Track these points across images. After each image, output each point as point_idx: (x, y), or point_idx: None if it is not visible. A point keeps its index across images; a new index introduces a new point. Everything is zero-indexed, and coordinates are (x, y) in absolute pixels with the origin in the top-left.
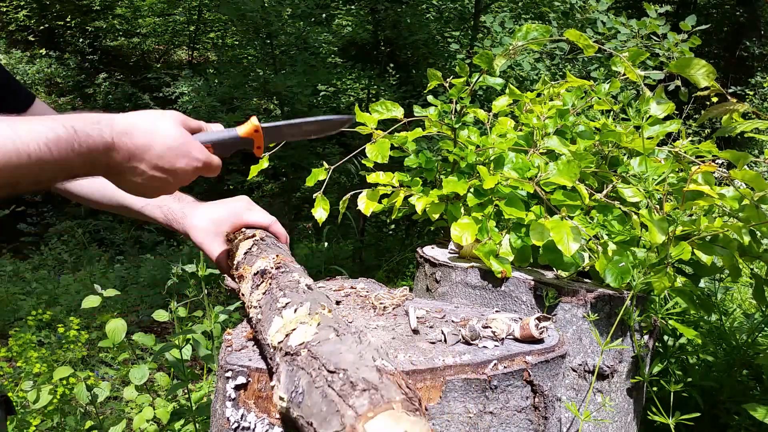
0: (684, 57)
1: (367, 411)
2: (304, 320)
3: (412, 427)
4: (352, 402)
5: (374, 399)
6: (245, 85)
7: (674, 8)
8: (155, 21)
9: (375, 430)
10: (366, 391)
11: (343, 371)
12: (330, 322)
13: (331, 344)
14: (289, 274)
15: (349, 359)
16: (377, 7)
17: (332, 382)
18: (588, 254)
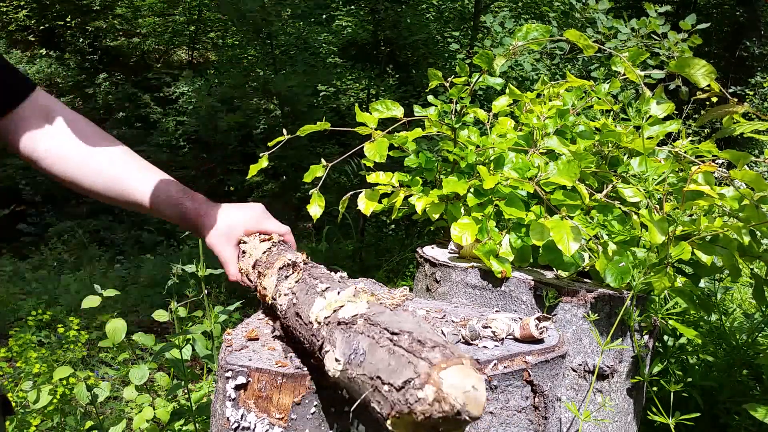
0: (684, 57)
1: (441, 362)
2: (351, 300)
3: (479, 383)
4: (425, 355)
5: (445, 353)
6: (245, 85)
7: (674, 8)
8: (155, 21)
9: (449, 378)
10: (436, 347)
11: (408, 333)
12: (379, 301)
13: (387, 316)
14: (319, 269)
15: (409, 326)
16: (377, 7)
17: (398, 341)
18: (588, 254)
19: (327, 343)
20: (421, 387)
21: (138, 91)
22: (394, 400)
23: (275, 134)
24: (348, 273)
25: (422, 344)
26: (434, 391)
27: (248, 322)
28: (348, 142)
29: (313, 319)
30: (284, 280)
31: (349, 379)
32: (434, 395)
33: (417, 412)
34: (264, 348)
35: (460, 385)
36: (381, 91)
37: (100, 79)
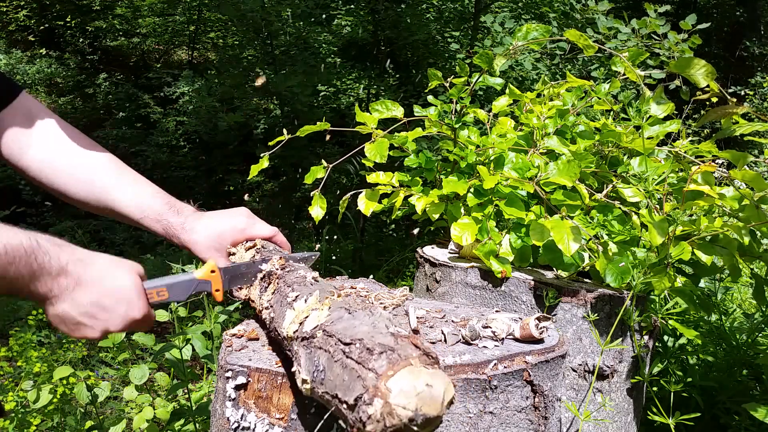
0: (684, 57)
1: (387, 370)
2: (315, 307)
3: (432, 379)
4: (372, 365)
5: (392, 358)
6: (245, 85)
7: (674, 8)
8: (155, 21)
9: (397, 385)
10: (383, 354)
11: (359, 341)
12: (341, 304)
13: (344, 321)
14: (295, 272)
15: (363, 330)
16: (377, 7)
17: (350, 353)
18: (588, 254)
19: (295, 363)
20: (371, 402)
21: (138, 91)
22: (352, 419)
23: (275, 134)
24: (348, 273)
25: (371, 352)
26: (382, 405)
27: (248, 322)
28: (348, 142)
29: (285, 333)
30: (264, 292)
31: (318, 397)
32: (381, 409)
33: (369, 430)
34: (264, 348)
35: (410, 389)
36: (381, 91)
37: (100, 79)
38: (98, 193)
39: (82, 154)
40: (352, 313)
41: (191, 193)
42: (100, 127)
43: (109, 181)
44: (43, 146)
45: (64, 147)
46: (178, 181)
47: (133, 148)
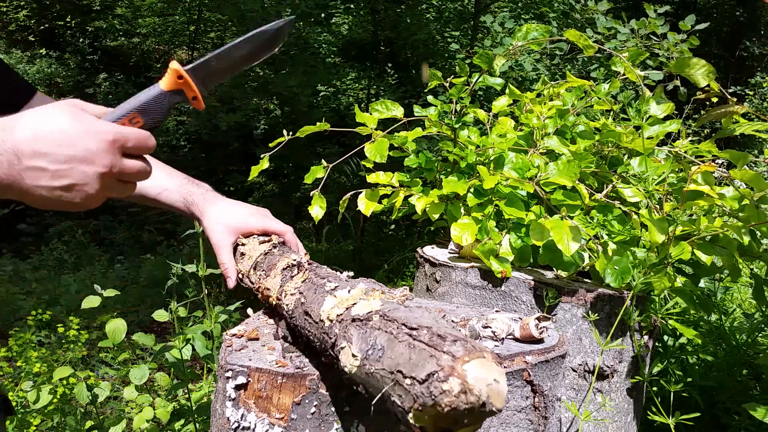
0: (683, 57)
1: (464, 355)
2: (362, 297)
3: (500, 376)
4: (447, 348)
5: (467, 347)
6: (245, 85)
7: (674, 8)
8: (155, 21)
9: (473, 371)
10: (457, 341)
11: (427, 328)
12: (391, 299)
13: (402, 312)
14: (323, 268)
15: (427, 321)
16: (377, 7)
17: (418, 336)
18: (588, 254)
19: (342, 339)
20: (446, 379)
21: (138, 92)
22: (417, 393)
23: (275, 134)
24: None
25: (443, 338)
26: (459, 383)
27: (248, 322)
28: (348, 142)
29: (324, 317)
30: (290, 280)
31: (366, 374)
32: (460, 387)
33: (443, 404)
34: (264, 348)
35: (483, 377)
36: (381, 91)
37: (100, 79)
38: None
39: None
40: (408, 307)
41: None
42: None
43: None
44: None
45: None
46: None
47: None
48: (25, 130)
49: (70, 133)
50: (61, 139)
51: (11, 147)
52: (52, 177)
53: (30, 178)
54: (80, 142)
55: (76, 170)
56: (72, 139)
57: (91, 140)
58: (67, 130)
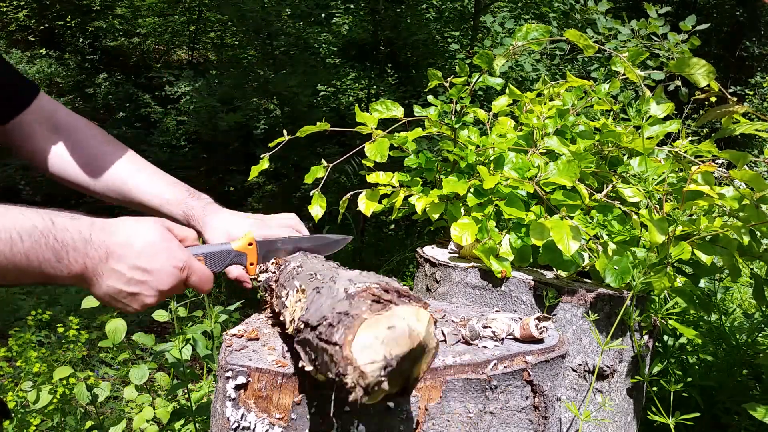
0: (683, 57)
1: (346, 336)
2: (298, 299)
3: (390, 320)
4: (335, 338)
5: (346, 323)
6: (245, 85)
7: (674, 8)
8: (155, 21)
9: (359, 345)
10: (340, 323)
11: (323, 320)
12: (313, 284)
13: (314, 304)
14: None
15: (326, 305)
16: (377, 7)
17: (321, 334)
18: (588, 254)
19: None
20: (345, 373)
21: (138, 91)
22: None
23: (275, 134)
24: None
25: (332, 326)
26: (353, 370)
27: (248, 322)
28: (348, 142)
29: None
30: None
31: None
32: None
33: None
34: (264, 348)
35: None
36: (381, 91)
37: (100, 79)
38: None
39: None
40: (320, 291)
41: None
42: (101, 127)
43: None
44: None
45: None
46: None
47: (134, 148)
48: (121, 235)
49: (154, 247)
50: (146, 252)
51: (106, 248)
52: (126, 282)
53: (108, 278)
54: (159, 258)
55: (146, 283)
56: (155, 253)
57: (168, 260)
58: (153, 243)
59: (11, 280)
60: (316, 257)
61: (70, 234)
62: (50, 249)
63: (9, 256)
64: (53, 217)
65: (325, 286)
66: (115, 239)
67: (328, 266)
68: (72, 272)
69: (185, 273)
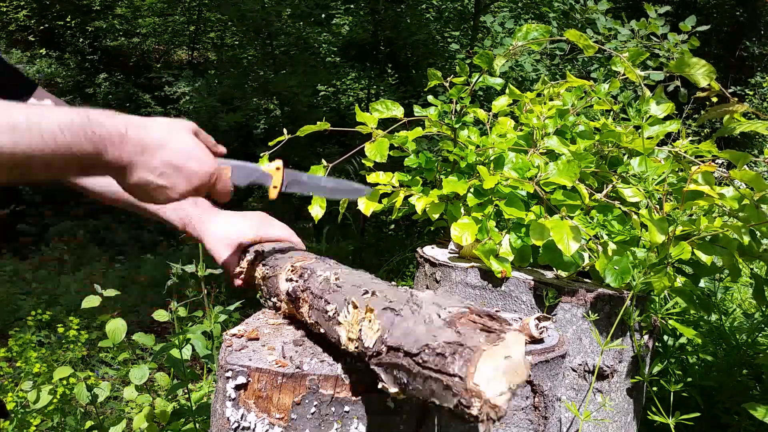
0: (683, 57)
1: (468, 369)
2: (362, 316)
3: (506, 350)
4: (452, 369)
5: (465, 356)
6: (245, 85)
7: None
8: (155, 21)
9: (483, 378)
10: (455, 354)
11: (426, 347)
12: (382, 304)
13: (397, 327)
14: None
15: (421, 331)
16: (377, 7)
17: (425, 363)
18: (588, 254)
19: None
20: (469, 405)
21: (138, 91)
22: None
23: (275, 134)
24: None
25: (443, 357)
26: (481, 403)
27: (248, 322)
28: (348, 142)
29: (347, 350)
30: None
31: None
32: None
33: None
34: (264, 348)
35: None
36: (381, 91)
37: (100, 79)
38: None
39: None
40: (399, 314)
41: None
42: None
43: None
44: None
45: None
46: None
47: None
48: (156, 132)
49: (188, 150)
50: (181, 152)
51: (141, 143)
52: (158, 176)
53: (141, 170)
54: (192, 161)
55: (176, 179)
56: (188, 155)
57: (199, 164)
58: (187, 146)
59: (55, 173)
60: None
61: (107, 129)
62: (89, 142)
63: (54, 148)
64: (89, 114)
65: (406, 308)
66: (151, 135)
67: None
68: (108, 164)
69: (213, 179)
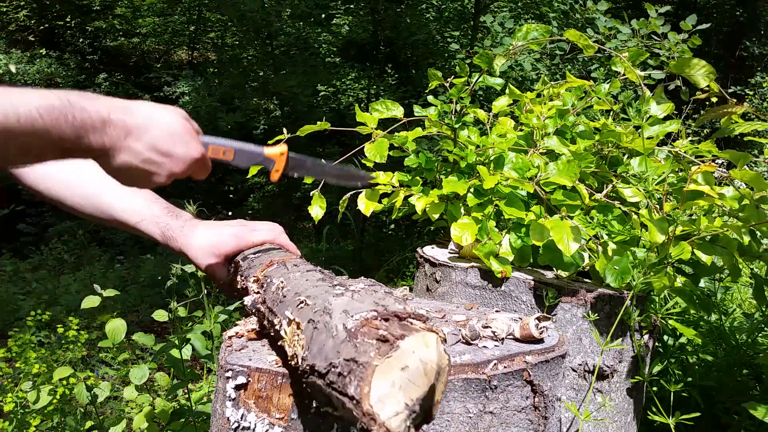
0: (684, 57)
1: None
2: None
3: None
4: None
5: (359, 374)
6: (245, 85)
7: (674, 8)
8: (155, 21)
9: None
10: (351, 373)
11: (331, 366)
12: (308, 315)
13: (315, 341)
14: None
15: (329, 346)
16: (377, 7)
17: (332, 384)
18: (588, 254)
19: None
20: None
21: (138, 91)
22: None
23: (275, 134)
24: (348, 273)
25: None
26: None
27: (248, 322)
28: (348, 142)
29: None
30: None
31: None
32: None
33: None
34: (264, 348)
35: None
36: (381, 91)
37: (100, 79)
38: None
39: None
40: (317, 327)
41: (191, 192)
42: None
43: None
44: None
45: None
46: (178, 181)
47: None
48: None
49: (175, 134)
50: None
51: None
52: (142, 161)
53: (124, 154)
54: (178, 146)
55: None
56: (175, 139)
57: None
58: (172, 130)
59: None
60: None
61: (89, 113)
62: (70, 126)
63: (31, 132)
64: (69, 97)
65: (321, 320)
66: (135, 119)
67: (313, 282)
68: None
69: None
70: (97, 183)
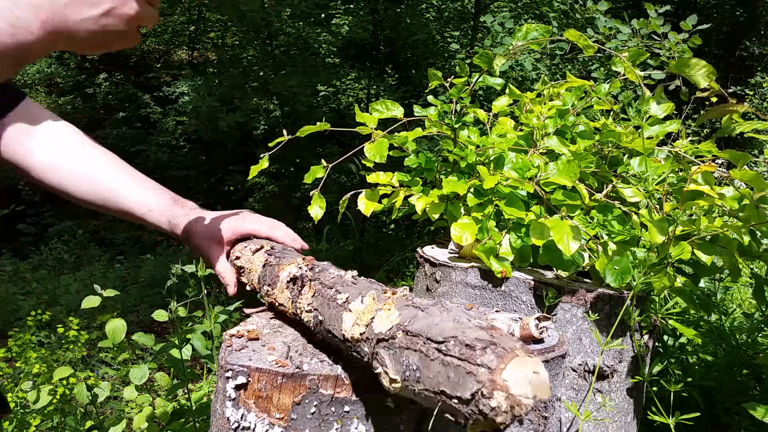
0: (684, 57)
1: (499, 363)
2: (378, 307)
3: (536, 366)
4: (480, 360)
5: (498, 352)
6: (245, 85)
7: (674, 8)
8: None
9: (512, 376)
10: (487, 348)
11: (453, 338)
12: (405, 302)
13: (421, 320)
14: (326, 271)
15: (449, 327)
16: (377, 7)
17: (447, 351)
18: (588, 254)
19: (375, 362)
20: (490, 396)
21: (138, 91)
22: (467, 412)
23: (275, 134)
24: None
25: (472, 348)
26: (505, 398)
27: (248, 322)
28: (348, 142)
29: (348, 336)
30: (299, 295)
31: (413, 394)
32: (506, 402)
33: (497, 420)
34: (264, 348)
35: (523, 379)
36: (381, 91)
37: (100, 79)
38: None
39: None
40: (425, 311)
41: (191, 193)
42: (100, 127)
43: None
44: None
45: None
46: (178, 181)
47: (133, 148)
48: None
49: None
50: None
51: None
52: (91, 6)
53: (72, 14)
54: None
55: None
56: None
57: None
58: None
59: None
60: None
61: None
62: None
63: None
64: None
65: (432, 308)
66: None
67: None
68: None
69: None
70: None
